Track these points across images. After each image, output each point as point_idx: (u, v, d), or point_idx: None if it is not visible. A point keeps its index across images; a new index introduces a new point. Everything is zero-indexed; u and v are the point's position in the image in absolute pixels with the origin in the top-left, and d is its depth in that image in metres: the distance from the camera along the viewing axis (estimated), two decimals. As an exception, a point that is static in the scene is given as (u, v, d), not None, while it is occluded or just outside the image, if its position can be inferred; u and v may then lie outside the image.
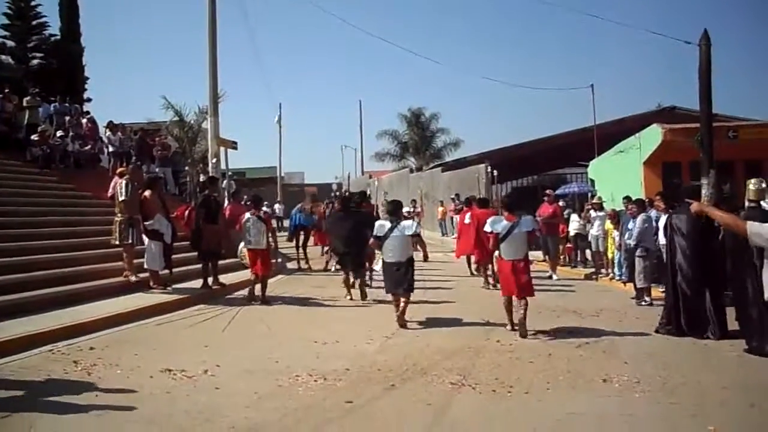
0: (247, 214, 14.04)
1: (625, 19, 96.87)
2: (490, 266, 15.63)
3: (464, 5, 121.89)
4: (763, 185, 9.35)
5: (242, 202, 18.76)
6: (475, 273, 17.27)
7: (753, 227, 5.67)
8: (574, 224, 18.40)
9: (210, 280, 14.34)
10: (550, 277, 17.06)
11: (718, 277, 10.08)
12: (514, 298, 10.44)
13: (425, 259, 12.26)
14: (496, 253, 11.20)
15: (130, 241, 13.27)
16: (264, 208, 16.52)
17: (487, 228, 11.15)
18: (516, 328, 10.27)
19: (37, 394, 6.82)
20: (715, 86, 14.63)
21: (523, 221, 10.69)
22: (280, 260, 20.55)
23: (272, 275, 15.52)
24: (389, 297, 11.48)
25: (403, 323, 10.88)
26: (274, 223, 18.42)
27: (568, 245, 19.09)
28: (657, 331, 10.20)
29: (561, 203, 20.53)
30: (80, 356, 8.51)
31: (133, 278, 13.33)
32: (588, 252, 18.45)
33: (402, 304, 10.98)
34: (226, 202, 19.28)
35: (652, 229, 13.18)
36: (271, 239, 13.92)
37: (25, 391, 6.91)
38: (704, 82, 14.62)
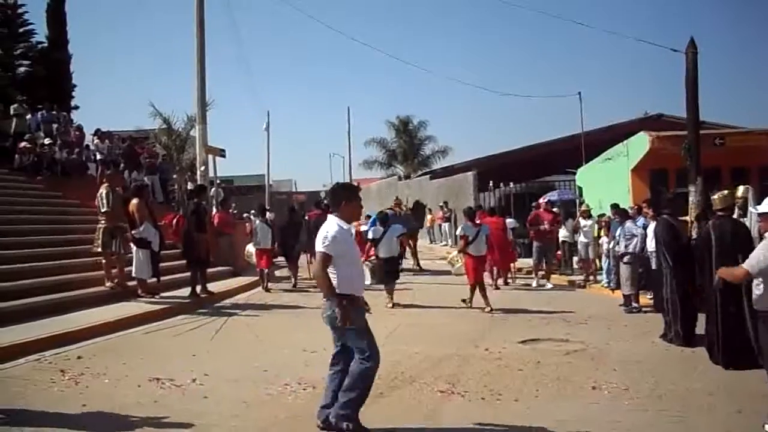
0: (257, 221, 17.68)
1: (612, 28, 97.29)
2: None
3: (451, 14, 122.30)
4: (726, 192, 9.39)
5: (230, 210, 18.90)
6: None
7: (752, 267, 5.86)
8: (563, 231, 18.43)
9: (198, 288, 14.31)
10: (543, 285, 17.13)
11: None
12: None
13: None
14: (468, 250, 13.91)
15: (112, 250, 13.20)
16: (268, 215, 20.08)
17: (459, 232, 14.46)
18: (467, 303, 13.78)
19: (23, 405, 6.77)
20: (701, 93, 14.74)
21: (483, 228, 14.21)
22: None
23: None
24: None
25: (393, 304, 13.87)
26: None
27: (558, 252, 19.11)
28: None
29: (555, 210, 20.52)
30: (67, 365, 8.46)
31: (108, 284, 13.39)
32: (575, 259, 18.47)
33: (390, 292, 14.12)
34: (214, 210, 19.24)
35: (639, 236, 13.21)
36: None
37: (9, 402, 6.84)
38: (691, 89, 14.72)
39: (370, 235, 14.82)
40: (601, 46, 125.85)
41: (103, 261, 13.49)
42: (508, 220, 18.33)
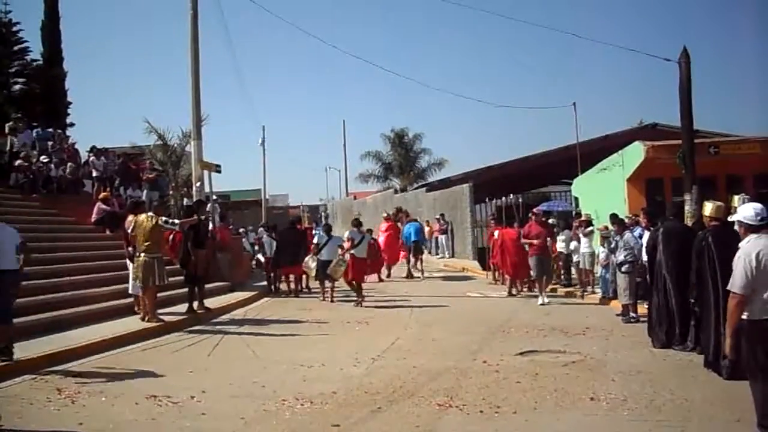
0: (264, 235, 20.88)
1: (607, 38, 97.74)
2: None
3: (446, 26, 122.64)
4: (720, 204, 9.43)
5: (230, 226, 19.09)
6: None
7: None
8: (560, 243, 18.35)
9: (195, 304, 14.25)
10: (543, 303, 15.81)
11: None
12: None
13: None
14: (352, 252, 16.63)
15: (157, 283, 12.83)
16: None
17: (347, 235, 17.44)
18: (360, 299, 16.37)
19: (19, 424, 6.73)
20: (695, 102, 14.78)
21: (366, 236, 17.52)
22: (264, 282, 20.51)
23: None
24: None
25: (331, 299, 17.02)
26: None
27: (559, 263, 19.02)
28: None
29: (551, 221, 20.42)
30: (64, 384, 8.42)
31: (147, 318, 12.79)
32: (573, 270, 18.40)
33: (329, 288, 17.17)
34: (210, 225, 19.23)
35: (639, 246, 13.20)
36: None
37: (5, 421, 6.80)
38: (685, 98, 14.77)
39: (315, 240, 17.88)
40: (595, 56, 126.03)
41: (147, 296, 12.84)
42: None
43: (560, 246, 18.24)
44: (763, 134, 22.37)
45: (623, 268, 13.24)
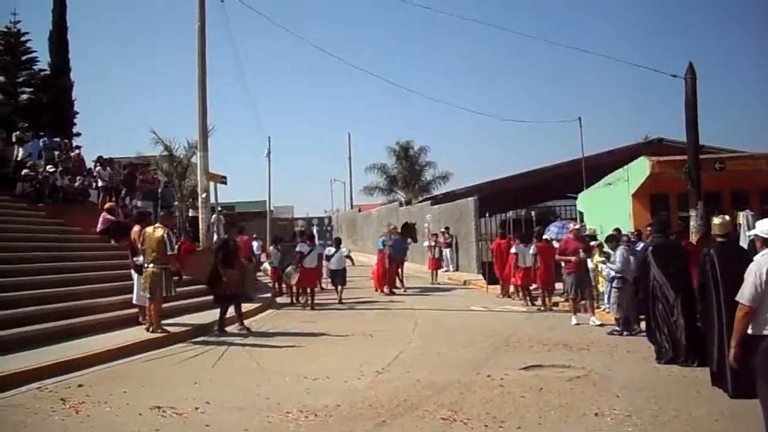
0: (271, 247, 22.52)
1: (613, 52, 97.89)
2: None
3: (451, 39, 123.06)
4: (727, 218, 9.46)
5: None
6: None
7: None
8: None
9: (236, 323, 14.14)
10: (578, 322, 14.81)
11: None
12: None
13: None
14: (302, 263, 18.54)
15: (165, 294, 12.81)
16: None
17: (297, 248, 19.15)
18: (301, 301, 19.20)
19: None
20: (701, 117, 14.79)
21: (317, 246, 19.62)
22: (269, 294, 20.50)
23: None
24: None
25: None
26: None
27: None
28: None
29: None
30: (68, 394, 8.44)
31: (152, 329, 12.76)
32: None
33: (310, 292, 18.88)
34: (215, 237, 19.32)
35: (631, 261, 13.15)
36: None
37: (11, 430, 6.81)
38: (690, 114, 14.78)
39: (297, 248, 19.19)
40: (602, 71, 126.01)
41: (154, 305, 12.77)
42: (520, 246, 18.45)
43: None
44: (769, 150, 22.36)
45: (614, 283, 13.35)
